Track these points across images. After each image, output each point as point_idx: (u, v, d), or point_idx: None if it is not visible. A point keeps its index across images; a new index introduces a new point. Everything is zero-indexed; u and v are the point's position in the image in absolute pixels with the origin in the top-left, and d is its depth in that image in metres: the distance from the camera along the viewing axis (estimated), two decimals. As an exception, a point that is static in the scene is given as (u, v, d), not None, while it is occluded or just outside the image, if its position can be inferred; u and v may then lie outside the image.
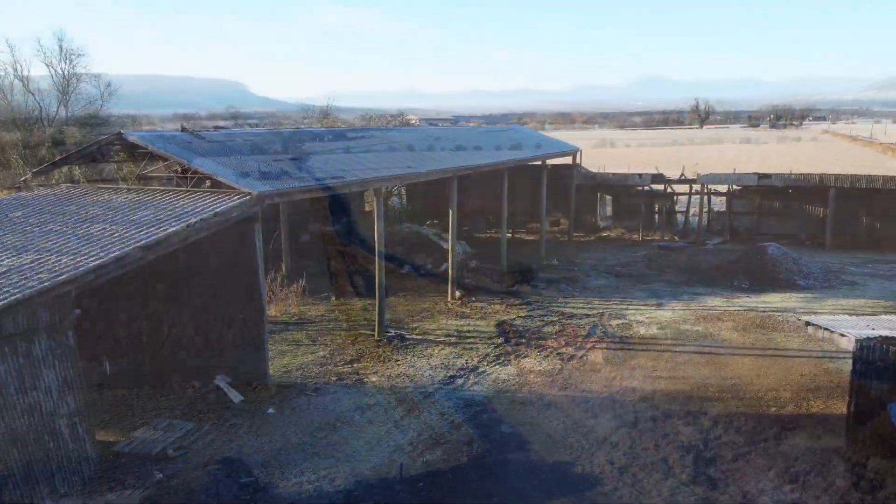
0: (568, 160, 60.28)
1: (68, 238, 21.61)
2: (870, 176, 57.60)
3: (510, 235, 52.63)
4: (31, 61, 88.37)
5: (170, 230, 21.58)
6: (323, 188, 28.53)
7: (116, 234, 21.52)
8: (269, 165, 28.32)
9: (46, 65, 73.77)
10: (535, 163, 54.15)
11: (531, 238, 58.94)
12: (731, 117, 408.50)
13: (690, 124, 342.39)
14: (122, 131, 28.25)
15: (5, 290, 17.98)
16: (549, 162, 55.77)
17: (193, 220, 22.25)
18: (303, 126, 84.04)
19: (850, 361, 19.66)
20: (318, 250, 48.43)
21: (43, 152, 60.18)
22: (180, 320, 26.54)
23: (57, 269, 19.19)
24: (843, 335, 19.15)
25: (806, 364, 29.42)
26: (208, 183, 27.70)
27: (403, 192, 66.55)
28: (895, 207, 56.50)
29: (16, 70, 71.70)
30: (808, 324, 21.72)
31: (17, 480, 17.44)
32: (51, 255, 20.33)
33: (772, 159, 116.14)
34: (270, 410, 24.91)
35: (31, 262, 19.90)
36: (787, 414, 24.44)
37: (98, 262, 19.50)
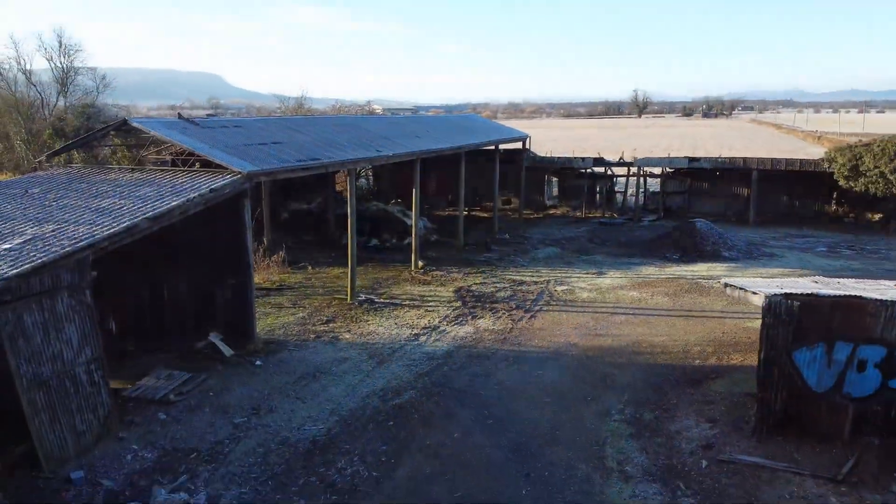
0: (518, 145, 61.66)
1: (83, 211, 22.76)
2: (788, 159, 59.68)
3: (467, 213, 54.07)
4: (33, 56, 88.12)
5: (172, 203, 22.80)
6: (303, 168, 29.82)
7: (125, 208, 22.70)
8: (255, 148, 29.53)
9: (47, 59, 74.31)
10: (488, 147, 55.53)
11: (485, 215, 60.39)
12: (667, 107, 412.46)
13: (629, 114, 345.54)
14: (126, 118, 29.41)
15: (32, 254, 19.17)
16: (502, 147, 57.14)
17: (193, 195, 23.48)
18: (276, 114, 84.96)
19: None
20: (296, 225, 49.73)
21: (44, 138, 60.84)
22: (177, 285, 27.76)
23: (76, 236, 20.38)
24: (754, 293, 20.76)
25: (727, 324, 31.22)
26: (197, 165, 28.84)
27: (370, 174, 67.73)
28: (812, 188, 58.76)
29: (19, 64, 72.21)
30: (726, 285, 23.33)
31: (43, 420, 18.64)
32: (69, 225, 21.49)
33: (702, 144, 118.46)
34: (258, 362, 26.25)
35: (52, 231, 21.07)
36: (709, 365, 26.19)
37: (112, 230, 20.71)
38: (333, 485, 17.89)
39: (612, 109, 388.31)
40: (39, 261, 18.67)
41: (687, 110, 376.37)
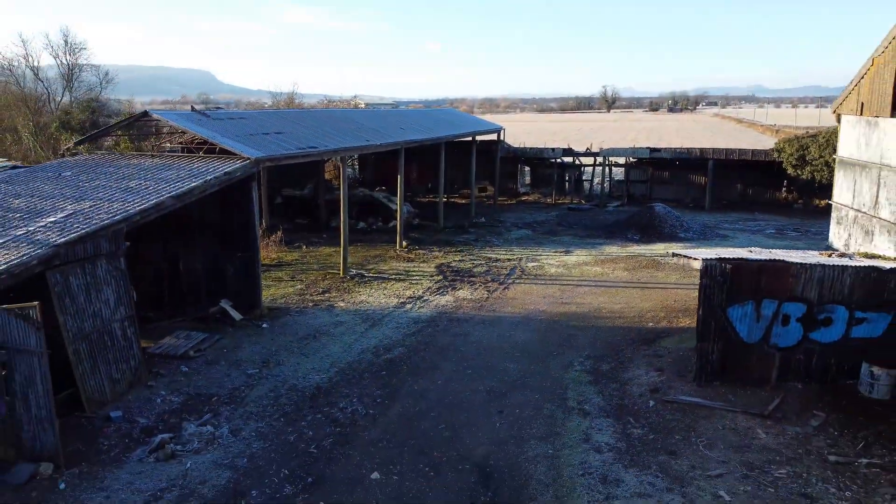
0: (493, 137, 63.89)
1: (114, 191, 24.88)
2: (741, 149, 62.28)
3: (446, 200, 56.27)
4: (40, 53, 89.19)
5: (193, 184, 24.95)
6: (302, 155, 32.01)
7: (151, 188, 24.83)
8: (260, 137, 31.71)
9: (53, 57, 75.78)
10: (466, 139, 57.72)
11: (463, 202, 62.64)
12: (635, 103, 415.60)
13: (599, 108, 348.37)
14: (147, 110, 31.37)
15: (75, 226, 21.32)
16: (478, 138, 59.36)
17: (210, 177, 25.64)
18: (268, 108, 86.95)
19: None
20: (289, 210, 51.84)
21: (51, 131, 62.41)
22: (192, 259, 29.90)
23: (111, 211, 22.53)
24: (695, 259, 23.19)
25: (679, 293, 33.69)
26: (200, 153, 30.92)
27: (356, 163, 69.81)
28: (764, 176, 61.39)
29: (27, 61, 73.64)
30: (673, 254, 25.78)
31: (85, 368, 20.79)
32: (103, 202, 23.62)
33: (667, 137, 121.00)
34: (265, 325, 28.49)
35: (90, 207, 23.20)
36: (660, 327, 28.65)
37: (142, 206, 22.87)
38: (336, 420, 20.19)
39: (582, 104, 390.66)
40: (83, 231, 20.84)
41: (653, 105, 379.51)
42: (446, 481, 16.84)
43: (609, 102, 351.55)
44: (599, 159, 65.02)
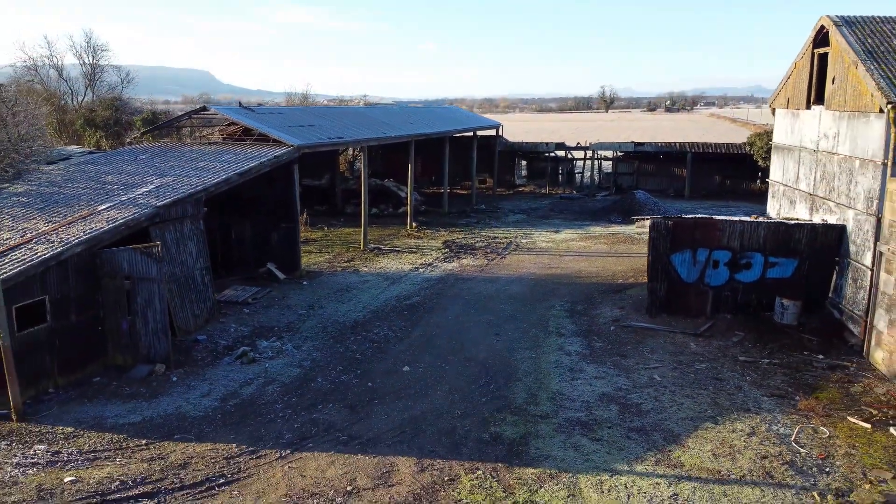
0: (492, 132, 70.43)
1: (188, 170, 31.42)
2: (717, 143, 68.85)
3: (448, 191, 62.79)
4: (64, 54, 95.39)
5: (251, 164, 31.53)
6: (332, 144, 38.71)
7: (218, 167, 31.38)
8: (297, 129, 38.32)
9: (77, 57, 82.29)
10: (467, 134, 64.23)
11: (464, 192, 69.12)
12: (634, 103, 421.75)
13: (598, 109, 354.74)
14: (205, 105, 37.97)
15: (165, 194, 27.84)
16: (478, 134, 65.91)
17: (263, 159, 32.22)
18: (267, 104, 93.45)
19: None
20: (309, 198, 58.37)
21: (76, 128, 68.77)
22: (243, 229, 36.45)
23: (190, 184, 29.06)
24: (647, 219, 29.75)
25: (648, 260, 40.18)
26: (249, 139, 37.39)
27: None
28: (740, 168, 67.78)
29: (51, 61, 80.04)
30: (635, 219, 32.34)
31: (176, 302, 27.25)
32: (182, 177, 30.16)
33: (661, 136, 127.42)
34: (304, 283, 35.03)
35: (172, 180, 29.74)
36: (628, 283, 35.13)
37: (215, 180, 29.44)
38: (373, 340, 26.74)
39: (581, 105, 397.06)
40: (175, 197, 27.40)
41: (651, 105, 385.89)
42: (457, 370, 23.41)
43: (607, 103, 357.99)
44: (589, 153, 71.51)
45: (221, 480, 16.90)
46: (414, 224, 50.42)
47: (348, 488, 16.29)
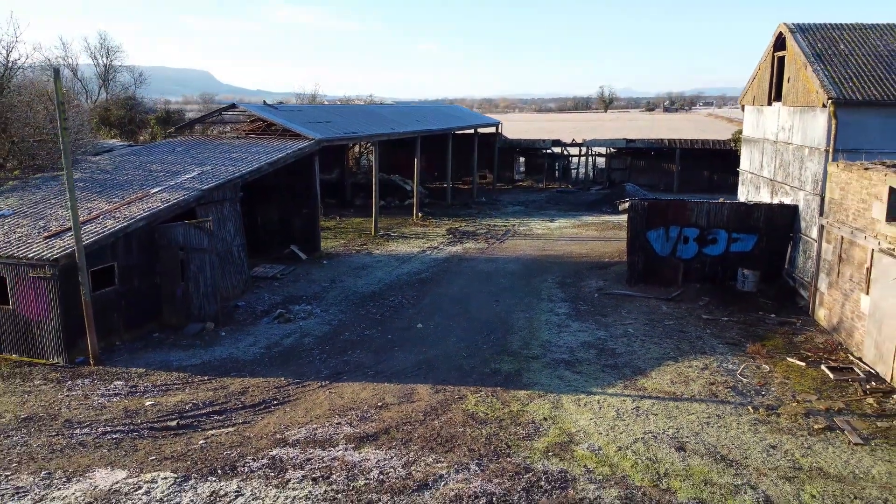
0: (492, 130, 74.81)
1: (223, 160, 35.79)
2: (704, 140, 73.22)
3: (451, 185, 67.18)
4: (78, 55, 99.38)
5: (279, 155, 35.92)
6: (349, 139, 43.13)
7: (249, 157, 35.76)
8: (315, 124, 42.69)
9: (92, 58, 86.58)
10: (468, 132, 68.63)
11: (465, 187, 73.51)
12: (633, 103, 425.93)
13: (597, 109, 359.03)
14: (235, 103, 42.40)
15: (207, 180, 32.20)
16: (478, 131, 70.30)
17: (290, 151, 36.63)
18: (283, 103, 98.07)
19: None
20: (322, 190, 62.72)
21: (91, 125, 72.93)
22: (269, 214, 40.83)
23: (227, 171, 33.42)
24: (627, 201, 34.13)
25: (634, 245, 44.59)
26: (276, 134, 41.68)
27: (371, 154, 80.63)
28: (727, 164, 71.86)
29: (67, 62, 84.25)
30: (617, 202, 36.72)
31: (218, 273, 31.57)
32: (219, 166, 34.52)
33: (657, 134, 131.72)
34: (324, 262, 39.41)
35: (211, 169, 34.11)
36: (613, 261, 39.48)
37: (249, 168, 33.82)
38: (389, 305, 31.12)
39: (580, 105, 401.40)
40: (217, 182, 31.77)
41: (650, 105, 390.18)
42: (462, 327, 27.80)
43: (606, 103, 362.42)
44: (584, 150, 75.89)
45: (276, 401, 21.28)
46: (419, 214, 54.79)
47: (378, 404, 20.64)
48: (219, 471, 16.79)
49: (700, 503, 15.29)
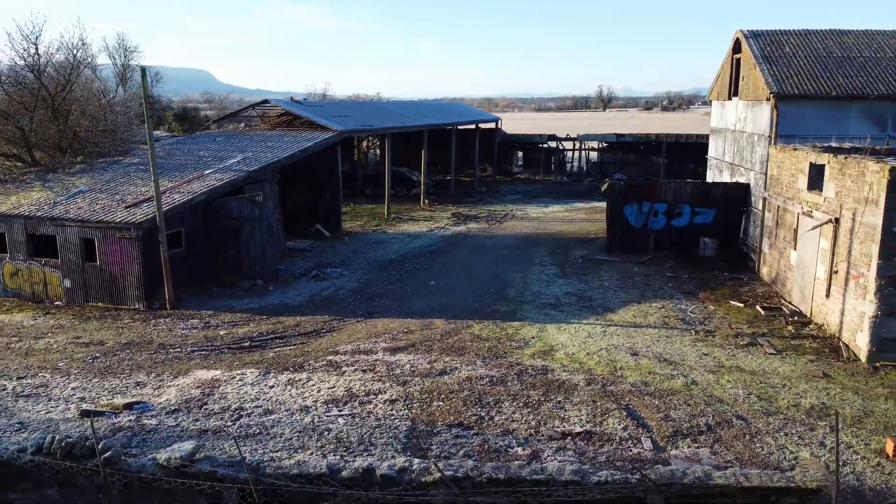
0: (492, 125, 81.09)
1: (260, 148, 42.04)
2: (689, 134, 79.33)
3: (453, 178, 73.44)
4: (98, 54, 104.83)
5: (308, 144, 42.19)
6: (365, 131, 49.43)
7: (283, 146, 42.00)
8: (336, 118, 48.98)
9: (110, 58, 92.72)
10: (469, 127, 74.90)
11: (467, 180, 79.53)
12: (632, 102, 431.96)
13: (596, 108, 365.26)
14: (267, 98, 48.71)
15: (251, 164, 38.43)
16: (480, 127, 76.56)
17: (318, 140, 42.92)
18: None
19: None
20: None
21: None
22: (296, 197, 47.07)
23: (266, 157, 39.66)
24: (607, 181, 40.37)
25: (618, 226, 50.85)
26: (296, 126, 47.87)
27: (378, 149, 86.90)
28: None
29: (85, 61, 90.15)
30: (601, 185, 42.93)
31: (264, 244, 37.75)
32: (258, 153, 40.76)
33: (653, 132, 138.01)
34: (346, 238, 45.68)
35: (251, 155, 40.35)
36: (598, 237, 45.63)
37: (285, 154, 40.08)
38: (405, 269, 37.38)
39: (579, 104, 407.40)
40: (259, 166, 38.02)
41: (648, 104, 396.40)
42: (468, 283, 34.07)
43: (605, 102, 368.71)
44: (579, 144, 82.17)
45: (324, 330, 27.56)
46: (426, 201, 61.05)
47: (405, 330, 26.90)
48: (290, 368, 23.02)
49: (644, 384, 21.47)
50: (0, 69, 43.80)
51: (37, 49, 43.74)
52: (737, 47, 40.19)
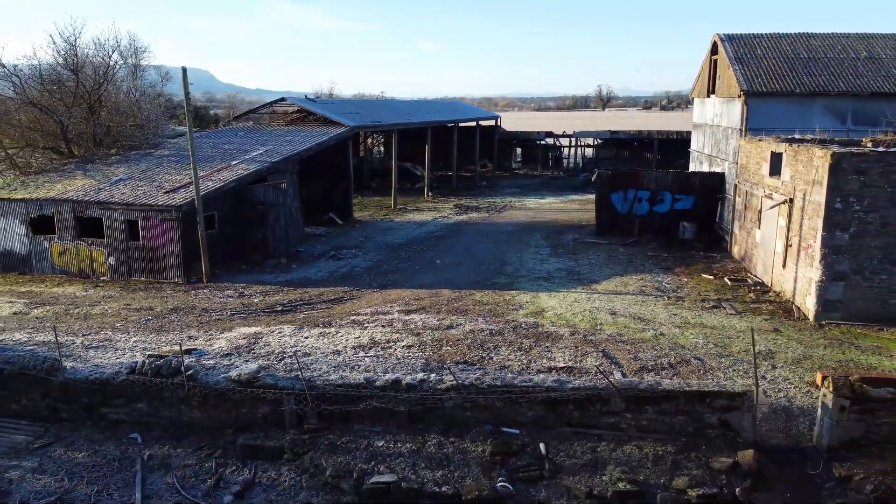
0: (492, 123, 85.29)
1: (279, 142, 46.19)
2: (679, 131, 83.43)
3: (454, 174, 77.63)
4: (109, 54, 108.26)
5: (323, 138, 46.35)
6: (375, 127, 53.53)
7: (300, 140, 46.16)
8: (347, 114, 53.14)
9: (122, 57, 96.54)
10: (470, 124, 79.08)
11: (468, 175, 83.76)
12: (631, 101, 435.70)
13: (595, 107, 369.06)
14: (284, 96, 52.89)
15: (273, 156, 42.58)
16: (480, 124, 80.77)
17: (332, 134, 47.06)
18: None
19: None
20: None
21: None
22: (312, 188, 51.23)
23: (287, 150, 43.78)
24: (596, 171, 44.56)
25: (609, 215, 55.04)
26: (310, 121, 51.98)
27: (382, 146, 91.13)
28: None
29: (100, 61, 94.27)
30: (591, 175, 47.10)
31: (287, 227, 41.88)
32: (278, 146, 44.90)
33: (649, 128, 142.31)
34: (357, 226, 49.85)
35: (273, 148, 44.48)
36: (589, 224, 49.78)
37: (304, 147, 44.23)
38: (413, 251, 41.54)
39: (579, 103, 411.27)
40: (281, 157, 42.18)
41: (647, 104, 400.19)
42: (470, 261, 38.25)
43: (604, 101, 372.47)
44: (574, 141, 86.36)
45: (345, 298, 31.75)
46: (430, 194, 65.25)
47: (416, 298, 31.09)
48: (320, 325, 27.21)
49: (619, 335, 25.64)
50: (42, 68, 47.86)
51: (75, 50, 47.83)
52: (714, 49, 44.37)
